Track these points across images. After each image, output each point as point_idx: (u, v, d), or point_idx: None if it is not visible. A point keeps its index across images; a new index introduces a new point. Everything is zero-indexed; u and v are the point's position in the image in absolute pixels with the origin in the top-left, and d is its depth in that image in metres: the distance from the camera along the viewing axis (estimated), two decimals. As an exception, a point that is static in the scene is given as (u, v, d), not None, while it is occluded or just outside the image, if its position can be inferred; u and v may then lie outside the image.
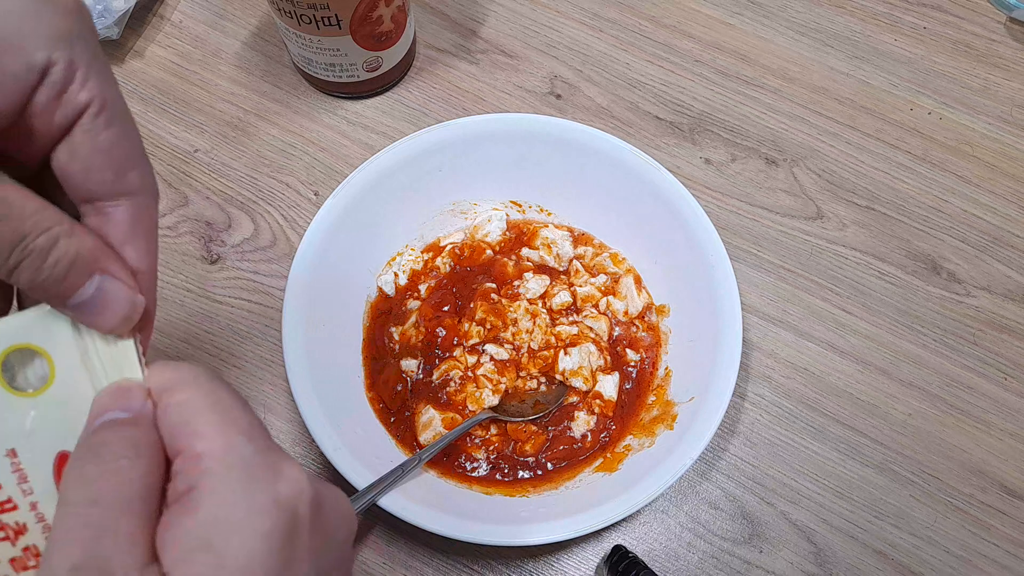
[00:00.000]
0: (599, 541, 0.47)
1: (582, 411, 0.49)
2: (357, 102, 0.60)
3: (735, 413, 0.51)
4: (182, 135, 0.59)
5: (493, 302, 0.51)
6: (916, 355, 0.52)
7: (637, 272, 0.53)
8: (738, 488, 0.49)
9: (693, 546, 0.47)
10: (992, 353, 0.52)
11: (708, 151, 0.59)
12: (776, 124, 0.60)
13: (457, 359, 0.50)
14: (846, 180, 0.58)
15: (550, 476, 0.47)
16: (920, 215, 0.57)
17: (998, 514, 0.48)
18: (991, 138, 0.60)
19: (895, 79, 0.62)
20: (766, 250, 0.56)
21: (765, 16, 0.64)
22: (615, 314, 0.52)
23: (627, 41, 0.63)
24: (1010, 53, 0.63)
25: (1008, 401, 0.51)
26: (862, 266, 0.55)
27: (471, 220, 0.54)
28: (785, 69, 0.62)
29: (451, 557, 0.47)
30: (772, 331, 0.53)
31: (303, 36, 0.53)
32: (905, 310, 0.54)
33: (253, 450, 0.21)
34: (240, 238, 0.55)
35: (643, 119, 0.60)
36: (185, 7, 0.63)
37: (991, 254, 0.56)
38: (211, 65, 0.61)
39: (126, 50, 0.61)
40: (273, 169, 0.58)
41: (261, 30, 0.63)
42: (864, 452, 0.50)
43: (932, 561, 0.47)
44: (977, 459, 0.50)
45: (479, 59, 0.62)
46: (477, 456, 0.48)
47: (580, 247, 0.54)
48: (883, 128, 0.60)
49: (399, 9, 0.54)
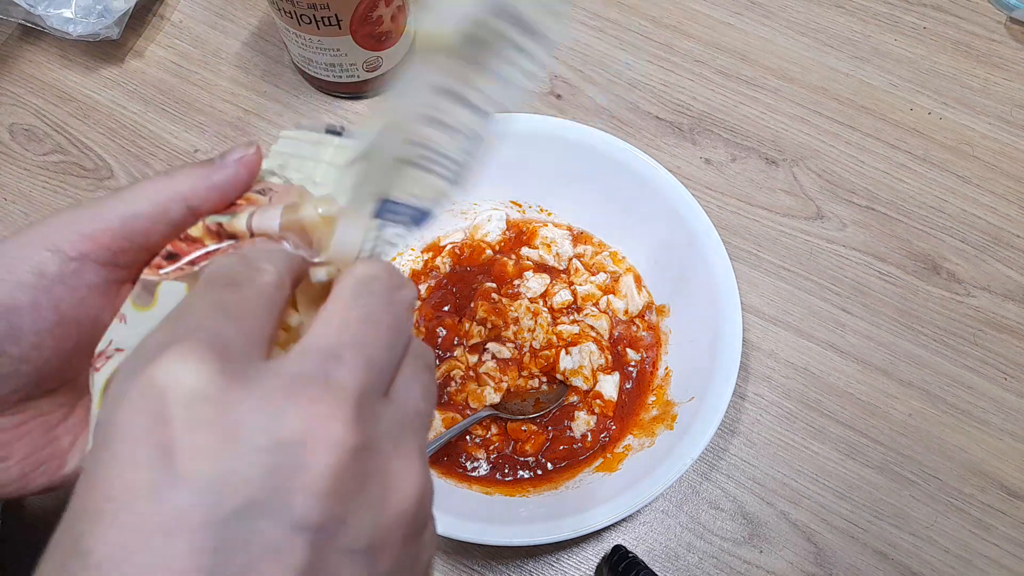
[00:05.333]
0: (599, 541, 0.47)
1: (582, 411, 0.49)
2: (357, 102, 0.60)
3: (735, 413, 0.51)
4: (182, 135, 0.59)
5: (494, 301, 0.51)
6: (916, 355, 0.52)
7: (637, 271, 0.53)
8: (738, 488, 0.49)
9: (693, 546, 0.47)
10: (992, 353, 0.52)
11: (708, 151, 0.59)
12: (776, 124, 0.60)
13: (458, 359, 0.50)
14: (846, 180, 0.58)
15: (550, 476, 0.47)
16: (920, 215, 0.57)
17: (998, 514, 0.48)
18: (991, 138, 0.60)
19: (895, 79, 0.62)
20: (766, 250, 0.56)
21: (765, 16, 0.64)
22: (615, 313, 0.52)
23: (627, 41, 0.63)
24: (1010, 53, 0.63)
25: (1008, 401, 0.51)
26: (862, 266, 0.55)
27: (471, 220, 0.54)
28: (785, 69, 0.62)
29: (451, 557, 0.47)
30: (772, 331, 0.53)
31: (303, 36, 0.53)
32: (905, 310, 0.54)
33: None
34: (240, 238, 0.55)
35: (643, 119, 0.60)
36: (185, 7, 0.63)
37: (991, 254, 0.56)
38: (211, 65, 0.61)
39: (126, 50, 0.62)
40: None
41: (261, 30, 0.63)
42: (864, 452, 0.50)
43: (932, 561, 0.47)
44: (977, 459, 0.50)
45: (479, 59, 0.62)
46: (477, 456, 0.48)
47: (580, 246, 0.54)
48: (883, 128, 0.60)
49: (399, 9, 0.54)
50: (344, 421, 0.18)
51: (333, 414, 0.18)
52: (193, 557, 0.16)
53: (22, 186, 0.57)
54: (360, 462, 0.19)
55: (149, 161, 0.58)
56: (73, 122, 0.59)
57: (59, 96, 0.60)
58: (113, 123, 0.59)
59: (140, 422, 0.17)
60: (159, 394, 0.17)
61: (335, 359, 0.19)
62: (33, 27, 0.59)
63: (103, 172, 0.57)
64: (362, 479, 0.19)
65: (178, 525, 0.16)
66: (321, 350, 0.19)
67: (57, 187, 0.57)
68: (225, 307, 0.20)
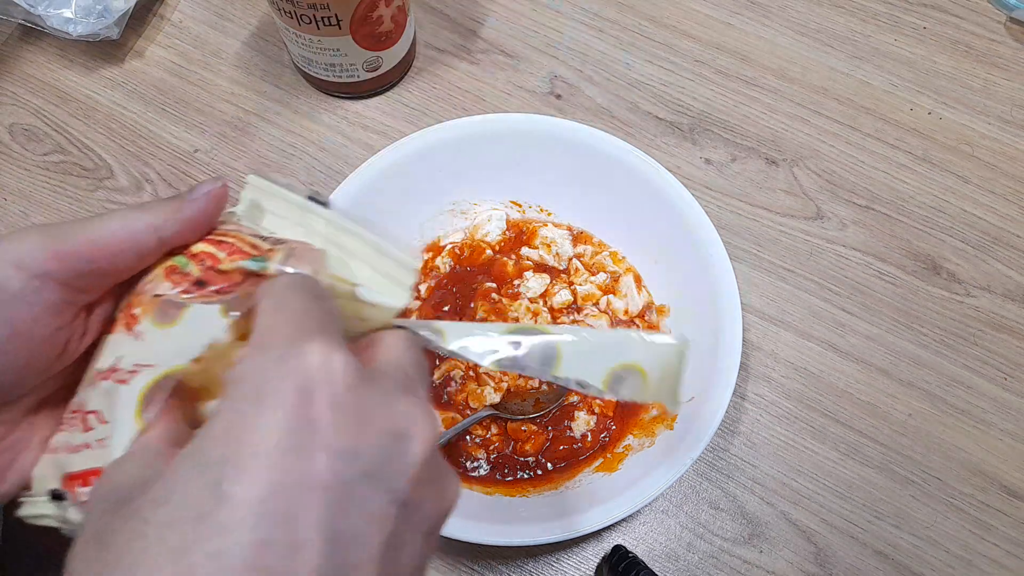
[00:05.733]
0: (599, 541, 0.47)
1: (582, 411, 0.49)
2: (357, 102, 0.60)
3: (735, 413, 0.51)
4: (182, 135, 0.59)
5: (494, 301, 0.51)
6: (916, 355, 0.52)
7: (637, 271, 0.53)
8: (738, 488, 0.49)
9: (693, 546, 0.47)
10: (992, 353, 0.52)
11: (708, 151, 0.59)
12: (776, 124, 0.60)
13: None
14: (846, 180, 0.58)
15: (550, 476, 0.47)
16: (920, 215, 0.57)
17: (998, 514, 0.48)
18: (991, 138, 0.60)
19: (895, 79, 0.62)
20: (766, 250, 0.56)
21: (765, 16, 0.64)
22: (615, 313, 0.52)
23: (627, 41, 0.63)
24: (1010, 53, 0.63)
25: (1008, 401, 0.51)
26: (862, 266, 0.55)
27: (471, 220, 0.54)
28: (785, 69, 0.62)
29: (451, 557, 0.47)
30: (772, 331, 0.53)
31: (303, 36, 0.53)
32: (905, 310, 0.54)
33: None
34: (240, 238, 0.55)
35: (643, 119, 0.60)
36: (185, 7, 0.63)
37: (991, 254, 0.56)
38: (211, 65, 0.61)
39: (126, 50, 0.62)
40: (273, 169, 0.58)
41: (261, 30, 0.63)
42: (864, 452, 0.50)
43: (932, 561, 0.47)
44: (977, 459, 0.50)
45: (479, 59, 0.62)
46: (477, 456, 0.48)
47: (580, 246, 0.54)
48: (883, 128, 0.60)
49: (399, 9, 0.54)
50: (433, 425, 0.23)
51: (427, 418, 0.23)
52: (323, 510, 0.19)
53: (22, 186, 0.57)
54: (435, 458, 0.23)
55: (149, 161, 0.58)
56: (73, 122, 0.59)
57: (59, 96, 0.60)
58: (113, 123, 0.59)
59: (291, 395, 0.20)
60: (311, 374, 0.20)
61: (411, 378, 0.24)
62: (33, 27, 0.59)
63: (103, 172, 0.57)
64: (436, 472, 0.23)
65: (316, 482, 0.19)
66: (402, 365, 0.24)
67: (57, 187, 0.57)
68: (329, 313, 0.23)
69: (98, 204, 0.56)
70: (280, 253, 0.25)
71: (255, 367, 0.21)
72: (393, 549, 0.21)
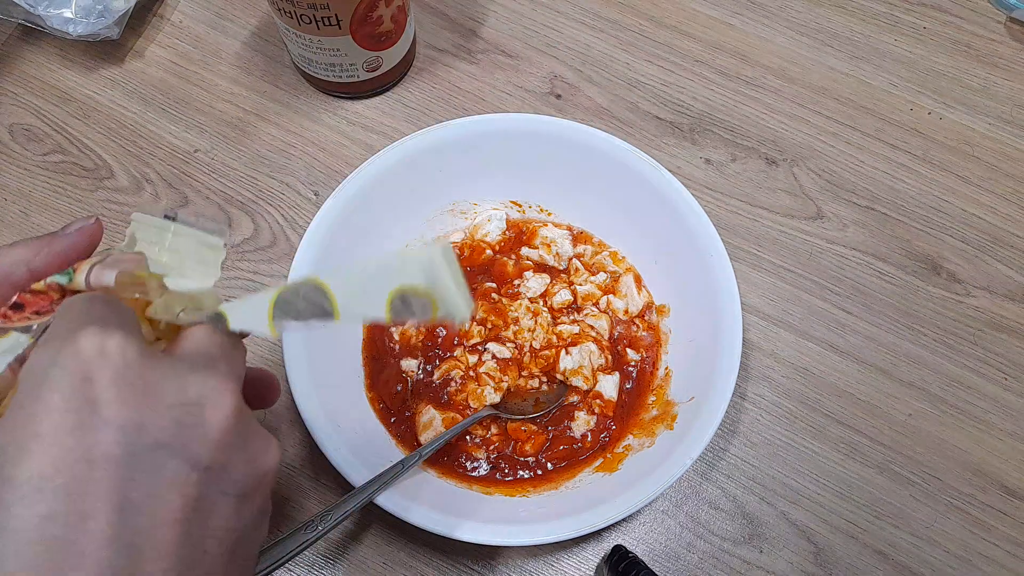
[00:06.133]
0: (599, 541, 0.47)
1: (582, 411, 0.49)
2: (357, 102, 0.60)
3: (735, 413, 0.51)
4: (182, 135, 0.59)
5: (494, 301, 0.51)
6: (916, 355, 0.52)
7: (637, 271, 0.53)
8: (738, 488, 0.49)
9: (693, 546, 0.47)
10: (992, 353, 0.52)
11: (708, 151, 0.59)
12: (776, 124, 0.60)
13: (458, 359, 0.50)
14: (846, 180, 0.58)
15: (550, 476, 0.47)
16: (920, 215, 0.57)
17: (998, 514, 0.48)
18: (991, 138, 0.60)
19: (895, 79, 0.62)
20: (766, 250, 0.56)
21: (765, 16, 0.64)
22: (615, 312, 0.52)
23: (627, 41, 0.63)
24: (1010, 53, 0.63)
25: (1008, 401, 0.51)
26: (862, 266, 0.55)
27: (471, 220, 0.54)
28: (785, 69, 0.62)
29: (451, 557, 0.47)
30: (772, 331, 0.53)
31: (303, 36, 0.53)
32: (905, 310, 0.54)
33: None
34: (240, 238, 0.55)
35: (643, 119, 0.60)
36: (185, 7, 0.63)
37: (991, 254, 0.56)
38: (211, 65, 0.61)
39: (126, 50, 0.62)
40: (273, 169, 0.58)
41: (261, 30, 0.63)
42: (864, 452, 0.50)
43: (932, 561, 0.47)
44: (977, 459, 0.50)
45: (479, 59, 0.62)
46: (477, 456, 0.48)
47: (580, 245, 0.54)
48: (883, 128, 0.60)
49: (399, 9, 0.54)
50: (232, 392, 0.25)
51: (226, 386, 0.25)
52: (110, 480, 0.21)
53: (22, 186, 0.57)
54: (241, 425, 0.25)
55: (149, 161, 0.58)
56: (73, 122, 0.59)
57: (59, 96, 0.60)
58: (113, 123, 0.59)
59: (67, 379, 0.22)
60: (85, 358, 0.22)
61: (212, 357, 0.26)
62: (33, 27, 0.59)
63: (103, 172, 0.57)
64: (243, 438, 0.25)
65: (100, 455, 0.21)
66: (201, 349, 0.26)
67: (57, 187, 0.57)
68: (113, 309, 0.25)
69: (98, 204, 0.56)
70: (87, 263, 0.27)
71: (35, 362, 0.23)
72: (198, 512, 0.23)
